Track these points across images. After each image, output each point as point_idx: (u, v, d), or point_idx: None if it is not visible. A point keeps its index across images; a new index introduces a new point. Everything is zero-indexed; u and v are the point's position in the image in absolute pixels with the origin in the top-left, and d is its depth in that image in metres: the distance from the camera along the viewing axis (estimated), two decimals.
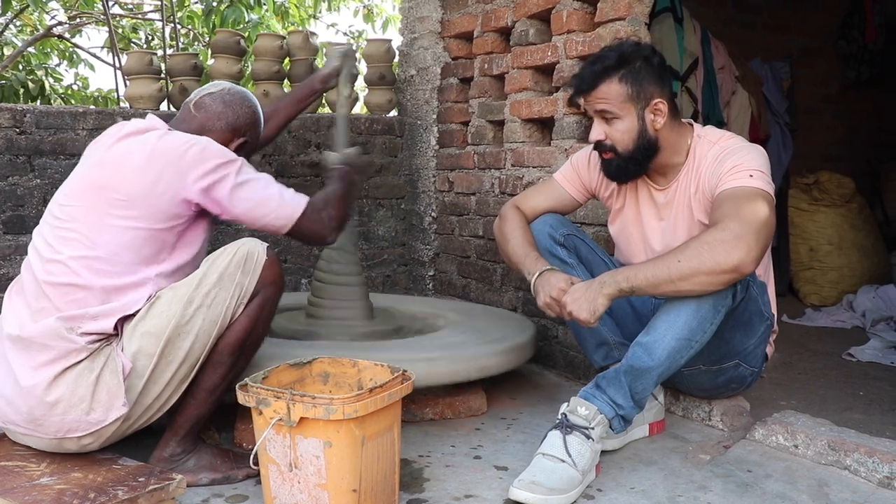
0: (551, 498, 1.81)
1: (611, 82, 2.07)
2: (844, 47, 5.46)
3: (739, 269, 1.83)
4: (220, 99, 2.05)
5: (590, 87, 2.09)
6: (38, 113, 3.06)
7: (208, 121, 2.02)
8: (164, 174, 1.84)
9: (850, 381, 2.93)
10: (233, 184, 1.88)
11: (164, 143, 1.88)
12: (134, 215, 1.82)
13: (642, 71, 2.08)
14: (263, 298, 1.89)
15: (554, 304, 2.02)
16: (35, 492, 1.60)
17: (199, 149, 1.87)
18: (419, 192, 3.87)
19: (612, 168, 2.16)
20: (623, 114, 2.08)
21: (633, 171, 2.17)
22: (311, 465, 1.63)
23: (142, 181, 1.83)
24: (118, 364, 1.75)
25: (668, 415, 2.43)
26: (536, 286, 2.09)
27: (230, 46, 3.59)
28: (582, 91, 2.12)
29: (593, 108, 2.11)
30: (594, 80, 2.08)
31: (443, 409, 2.45)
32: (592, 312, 1.92)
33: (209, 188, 1.86)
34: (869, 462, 1.96)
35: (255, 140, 2.14)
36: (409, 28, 3.90)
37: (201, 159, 1.86)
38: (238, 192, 1.89)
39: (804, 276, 4.50)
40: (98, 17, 7.54)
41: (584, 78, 2.10)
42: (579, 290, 1.97)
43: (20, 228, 3.02)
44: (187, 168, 1.85)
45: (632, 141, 2.11)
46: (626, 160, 2.13)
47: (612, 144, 2.12)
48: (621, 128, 2.10)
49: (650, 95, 2.09)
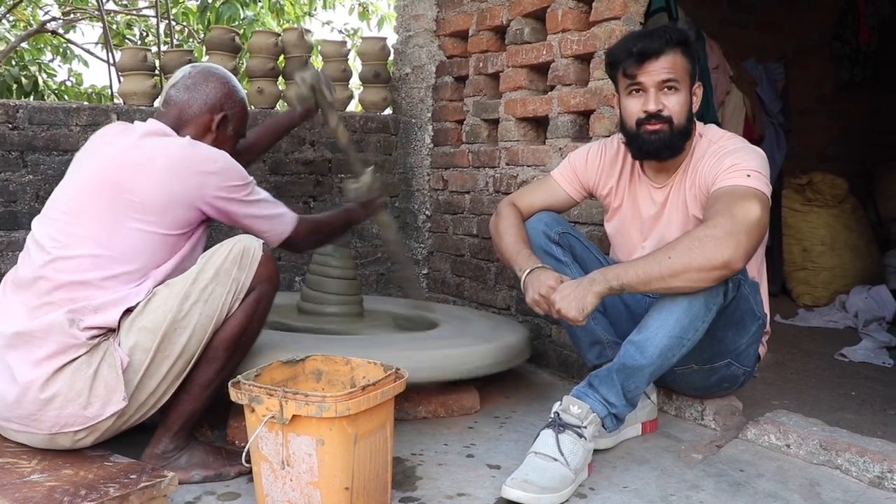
0: (544, 497, 1.81)
1: (676, 53, 2.07)
2: (838, 48, 5.47)
3: (729, 266, 1.84)
4: (183, 87, 2.06)
5: (658, 53, 2.06)
6: (31, 109, 3.04)
7: (181, 113, 2.03)
8: (186, 185, 1.87)
9: (842, 381, 2.94)
10: (245, 203, 1.97)
11: (191, 153, 1.90)
12: (151, 220, 1.85)
13: (695, 49, 2.12)
14: (259, 294, 1.90)
15: (542, 302, 2.01)
16: (26, 488, 1.59)
17: (222, 167, 1.92)
18: (413, 190, 3.86)
19: (662, 140, 2.10)
20: (682, 87, 2.09)
21: (678, 147, 2.14)
22: (304, 462, 1.63)
23: (165, 188, 1.85)
24: (116, 358, 1.75)
25: (661, 414, 2.43)
26: (526, 283, 2.08)
27: (225, 43, 3.58)
28: (647, 56, 2.06)
29: (656, 78, 2.07)
30: (663, 47, 2.06)
31: (436, 407, 2.45)
32: (581, 310, 1.92)
33: (224, 202, 1.93)
34: (860, 462, 1.97)
35: (235, 110, 2.11)
36: (404, 26, 3.89)
37: (224, 178, 1.91)
38: (247, 210, 1.99)
39: (797, 277, 4.51)
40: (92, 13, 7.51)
41: (651, 45, 2.06)
42: (568, 287, 1.96)
43: (12, 224, 3.00)
44: (208, 180, 1.89)
45: (685, 116, 2.11)
46: (677, 134, 2.11)
47: (669, 115, 2.08)
48: (680, 100, 2.09)
49: (696, 76, 2.14)
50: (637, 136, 2.13)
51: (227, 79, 2.11)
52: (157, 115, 2.03)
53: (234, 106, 2.11)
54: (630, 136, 2.16)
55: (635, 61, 2.08)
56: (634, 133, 2.14)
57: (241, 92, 2.15)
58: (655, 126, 2.09)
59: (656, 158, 2.18)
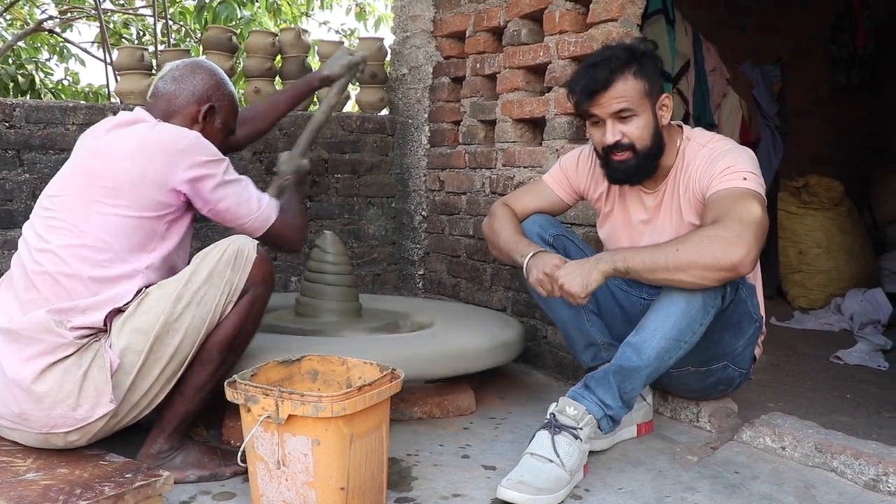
0: (539, 498, 1.81)
1: (626, 79, 2.02)
2: (835, 51, 5.48)
3: (737, 269, 1.83)
4: (171, 78, 2.06)
5: (605, 86, 2.02)
6: (27, 107, 3.04)
7: (169, 104, 2.03)
8: (154, 163, 1.86)
9: (838, 383, 2.94)
10: (219, 181, 1.93)
11: (155, 133, 1.90)
12: (122, 203, 1.84)
13: (650, 65, 2.07)
14: (253, 296, 1.89)
15: (546, 280, 2.00)
16: (21, 487, 1.59)
17: (190, 142, 1.90)
18: (410, 191, 3.86)
19: (629, 168, 2.10)
20: (640, 110, 2.05)
21: (649, 170, 2.13)
22: (299, 462, 1.62)
23: (131, 169, 1.84)
24: (106, 360, 1.74)
25: (657, 416, 2.43)
26: (529, 265, 2.07)
27: (222, 43, 3.58)
28: (595, 92, 2.03)
29: (608, 109, 2.04)
30: (609, 77, 2.02)
31: (431, 408, 2.45)
32: (584, 286, 1.91)
33: (196, 180, 1.90)
34: (855, 464, 1.97)
35: (223, 102, 2.10)
36: (402, 27, 3.90)
37: (192, 152, 1.89)
38: (223, 190, 1.94)
39: (793, 279, 4.52)
40: (89, 12, 7.51)
41: (597, 78, 2.03)
42: (574, 264, 1.96)
43: (8, 223, 3.00)
44: (178, 158, 1.87)
45: (649, 137, 2.07)
46: (645, 157, 2.09)
47: (630, 143, 2.06)
48: (640, 124, 2.06)
49: (659, 91, 2.09)
50: (608, 164, 2.14)
51: (214, 71, 2.11)
52: (147, 108, 2.03)
53: (222, 98, 2.10)
54: (603, 162, 2.17)
55: (586, 98, 2.06)
56: (605, 160, 2.14)
57: (230, 86, 2.14)
58: (621, 156, 2.09)
59: (629, 184, 2.19)
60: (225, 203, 1.96)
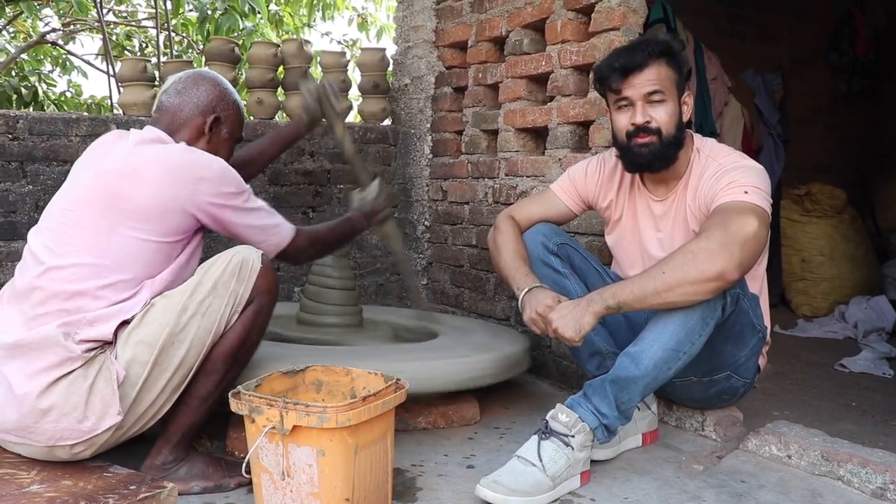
0: (511, 499, 1.83)
1: (660, 64, 2.08)
2: (836, 59, 5.49)
3: (724, 277, 1.83)
4: (174, 91, 2.05)
5: (642, 66, 2.06)
6: (31, 119, 3.05)
7: (174, 118, 2.02)
8: (182, 190, 1.85)
9: (843, 391, 2.93)
10: (240, 211, 1.94)
11: (185, 159, 1.88)
12: (146, 228, 1.83)
13: (680, 59, 2.13)
14: (258, 306, 1.89)
15: (539, 321, 2.02)
16: (25, 500, 1.58)
17: (217, 172, 1.89)
18: (412, 200, 3.86)
19: (651, 153, 2.11)
20: (669, 97, 2.09)
21: (669, 158, 2.13)
22: (304, 473, 1.62)
23: (159, 195, 1.83)
24: (112, 372, 1.74)
25: (662, 425, 2.43)
26: (524, 302, 2.09)
27: (224, 54, 3.59)
28: (630, 71, 2.07)
29: (641, 90, 2.08)
30: (646, 59, 2.06)
31: (436, 418, 2.45)
32: (578, 331, 1.93)
33: (219, 209, 1.90)
34: (862, 472, 1.96)
35: (228, 112, 2.09)
36: (404, 37, 3.90)
37: (218, 184, 1.89)
38: (242, 219, 1.95)
39: (796, 287, 4.51)
40: (92, 25, 7.54)
41: (634, 58, 2.07)
42: (566, 307, 1.97)
43: (12, 235, 3.00)
44: (204, 186, 1.87)
45: (674, 126, 2.10)
46: (667, 145, 2.11)
47: (657, 127, 2.08)
48: (668, 110, 2.09)
49: (684, 86, 2.14)
50: (628, 150, 2.14)
51: (217, 81, 2.09)
52: (152, 122, 2.02)
53: (227, 108, 2.09)
54: (622, 150, 2.17)
55: (620, 76, 2.09)
56: (626, 146, 2.14)
57: (234, 94, 2.13)
58: (644, 139, 2.10)
59: (649, 170, 2.19)
60: (241, 229, 1.97)
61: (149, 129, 1.98)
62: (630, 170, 2.22)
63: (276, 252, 2.06)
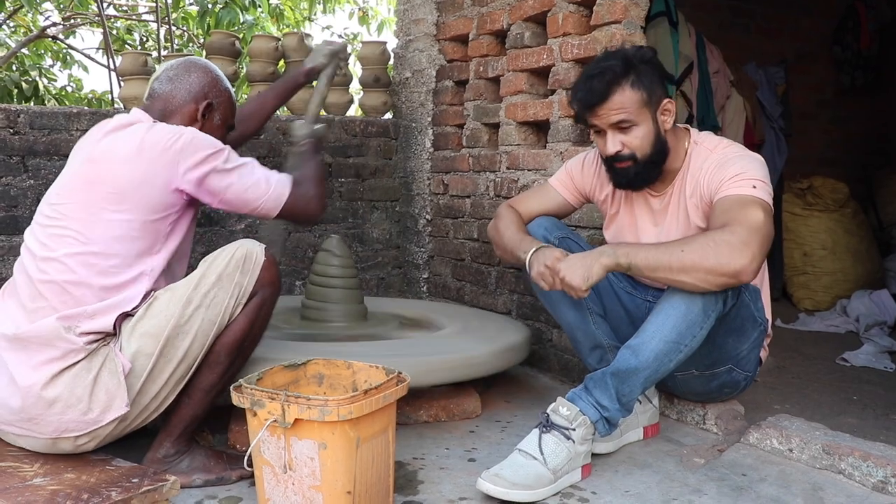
0: (513, 492, 1.83)
1: (623, 90, 2.02)
2: (839, 53, 5.48)
3: (739, 276, 1.83)
4: (166, 78, 2.05)
5: (602, 99, 2.02)
6: (32, 113, 3.05)
7: (166, 104, 2.02)
8: (155, 165, 1.84)
9: (844, 385, 2.93)
10: (224, 172, 1.90)
11: (151, 135, 1.87)
12: (126, 208, 1.83)
13: (648, 73, 2.05)
14: (262, 299, 1.89)
15: (547, 273, 2.00)
16: (28, 492, 1.59)
17: (188, 139, 1.87)
18: (414, 194, 3.86)
19: (630, 176, 2.12)
20: (640, 120, 2.05)
21: (651, 176, 2.14)
22: (306, 466, 1.62)
23: (132, 173, 1.83)
24: (117, 364, 1.75)
25: (663, 418, 2.43)
26: (532, 259, 2.07)
27: (225, 48, 3.59)
28: (593, 105, 2.04)
29: (607, 120, 2.05)
30: (606, 90, 2.02)
31: (437, 411, 2.45)
32: (586, 279, 1.91)
33: (202, 179, 1.88)
34: (863, 466, 1.96)
35: (220, 99, 2.08)
36: (405, 30, 3.90)
37: (191, 150, 1.87)
38: (229, 179, 1.91)
39: (798, 281, 4.51)
40: (92, 19, 7.53)
41: (594, 90, 2.03)
42: (576, 257, 1.96)
43: (13, 229, 3.00)
44: (178, 158, 1.85)
45: (650, 145, 2.08)
46: (645, 165, 2.09)
47: (631, 153, 2.07)
48: (640, 134, 2.06)
49: (660, 97, 2.08)
50: (611, 169, 2.16)
51: (209, 68, 2.09)
52: (144, 109, 2.01)
53: (219, 94, 2.08)
54: (607, 168, 2.18)
55: (585, 109, 2.07)
56: (609, 166, 2.16)
57: (226, 81, 2.12)
58: (622, 164, 2.10)
59: (633, 189, 2.21)
60: (232, 191, 1.92)
61: (134, 111, 1.97)
62: (617, 187, 2.23)
63: (281, 208, 1.99)
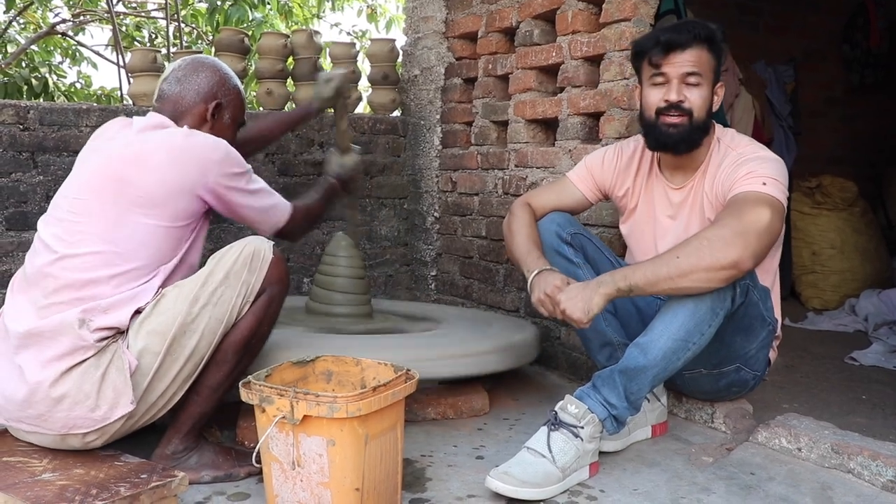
0: (522, 490, 1.83)
1: (702, 49, 2.08)
2: (848, 51, 5.46)
3: (738, 266, 1.83)
4: (175, 79, 2.05)
5: (684, 46, 2.06)
6: (41, 109, 3.05)
7: (176, 106, 2.02)
8: (189, 173, 1.86)
9: (853, 384, 2.92)
10: (245, 193, 1.97)
11: (190, 142, 1.89)
12: (155, 213, 1.84)
13: (720, 50, 2.12)
14: (269, 297, 1.89)
15: (547, 301, 2.01)
16: (37, 487, 1.59)
17: (224, 153, 1.91)
18: (422, 192, 3.86)
19: (680, 133, 2.10)
20: (705, 82, 2.09)
21: (695, 142, 2.13)
22: (314, 463, 1.62)
23: (167, 179, 1.84)
24: (124, 361, 1.75)
25: (671, 417, 2.42)
26: (533, 283, 2.08)
27: (234, 45, 3.59)
28: (673, 49, 2.07)
29: (680, 69, 2.07)
30: (691, 40, 2.06)
31: (445, 408, 2.45)
32: (586, 312, 1.91)
33: (225, 190, 1.92)
34: (873, 465, 1.96)
35: (230, 98, 2.09)
36: (413, 28, 3.90)
37: (225, 163, 1.91)
38: (248, 201, 1.98)
39: (806, 280, 4.49)
40: (102, 15, 7.55)
41: (680, 36, 2.07)
42: (575, 288, 1.95)
43: (23, 225, 3.01)
44: (212, 168, 1.88)
45: (705, 111, 2.11)
46: (695, 128, 2.11)
47: (689, 108, 2.08)
48: (702, 94, 2.09)
49: (718, 76, 2.14)
50: (655, 127, 2.13)
51: (217, 67, 2.09)
52: (155, 111, 2.02)
53: (228, 93, 2.09)
54: (648, 127, 2.16)
55: (661, 51, 2.08)
56: (653, 124, 2.13)
57: (235, 79, 2.13)
58: (675, 119, 2.09)
59: (673, 151, 2.17)
60: (245, 211, 2.01)
61: (152, 114, 1.98)
62: (653, 147, 2.21)
63: (273, 231, 2.10)
